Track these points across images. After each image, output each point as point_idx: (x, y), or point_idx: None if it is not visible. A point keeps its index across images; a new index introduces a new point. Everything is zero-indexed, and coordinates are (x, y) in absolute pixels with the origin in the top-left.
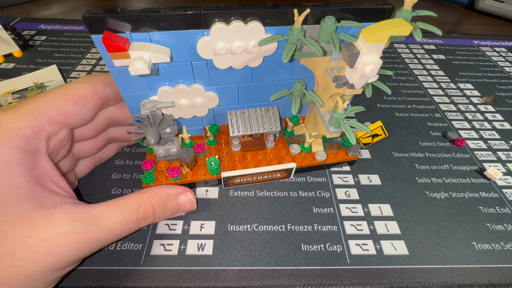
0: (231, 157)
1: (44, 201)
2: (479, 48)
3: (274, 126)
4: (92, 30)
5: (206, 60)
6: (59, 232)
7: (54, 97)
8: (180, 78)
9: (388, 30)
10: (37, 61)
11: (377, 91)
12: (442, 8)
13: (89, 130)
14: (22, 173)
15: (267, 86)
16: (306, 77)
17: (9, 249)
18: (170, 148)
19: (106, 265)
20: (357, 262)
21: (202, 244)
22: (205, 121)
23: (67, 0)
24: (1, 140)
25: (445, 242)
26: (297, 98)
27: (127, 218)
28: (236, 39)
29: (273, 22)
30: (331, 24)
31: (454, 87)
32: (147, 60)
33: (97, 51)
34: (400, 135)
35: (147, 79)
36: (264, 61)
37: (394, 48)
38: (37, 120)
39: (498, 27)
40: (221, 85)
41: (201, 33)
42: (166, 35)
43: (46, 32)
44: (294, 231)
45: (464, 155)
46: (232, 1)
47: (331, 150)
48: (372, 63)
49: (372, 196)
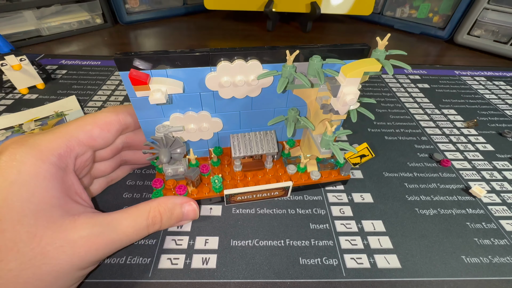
0: (233, 176)
1: (70, 210)
2: (460, 78)
3: (272, 148)
4: (121, 68)
5: (212, 91)
6: (82, 235)
7: (84, 123)
8: (189, 106)
9: (362, 67)
10: (58, 92)
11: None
12: (425, 42)
13: (106, 152)
14: (55, 185)
15: (265, 113)
16: (299, 105)
17: (43, 249)
18: (178, 168)
19: (116, 278)
20: (352, 275)
21: (207, 258)
22: (210, 144)
23: (86, 39)
24: (41, 157)
25: (436, 256)
26: (291, 123)
27: (139, 224)
28: (238, 74)
29: (269, 60)
30: (317, 62)
31: (438, 113)
32: (164, 92)
33: (112, 83)
34: (389, 156)
35: (161, 107)
36: (262, 92)
37: (382, 79)
38: (69, 142)
39: (477, 58)
40: (225, 112)
41: (209, 69)
42: (180, 71)
43: (67, 66)
44: (293, 246)
45: (450, 174)
46: (235, 44)
47: (325, 170)
48: (351, 93)
49: (365, 213)
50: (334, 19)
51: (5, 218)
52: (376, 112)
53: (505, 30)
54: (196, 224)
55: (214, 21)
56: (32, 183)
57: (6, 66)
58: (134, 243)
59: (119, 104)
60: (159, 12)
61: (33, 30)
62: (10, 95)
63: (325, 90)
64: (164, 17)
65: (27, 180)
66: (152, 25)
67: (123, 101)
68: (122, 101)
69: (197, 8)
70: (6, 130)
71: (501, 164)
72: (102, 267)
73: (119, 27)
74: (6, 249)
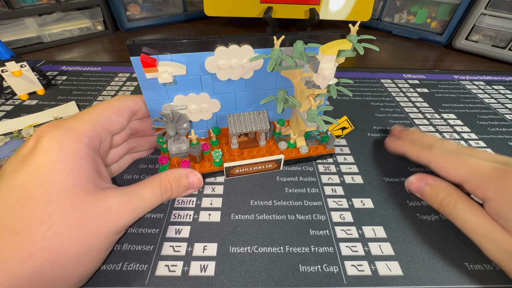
0: (231, 153)
1: (100, 184)
2: (459, 82)
3: (264, 125)
4: (132, 53)
5: (211, 74)
6: (114, 203)
7: (103, 110)
8: (191, 88)
9: (336, 46)
10: (58, 98)
11: (367, 123)
12: (423, 47)
13: (119, 138)
14: (88, 162)
15: (258, 94)
16: (287, 86)
17: (84, 215)
18: (181, 146)
19: (112, 285)
20: (353, 283)
21: (205, 265)
22: (209, 125)
23: (87, 45)
24: (75, 138)
25: (438, 263)
26: (280, 101)
27: (155, 191)
28: (233, 58)
29: (259, 46)
30: (300, 45)
31: (438, 117)
32: (170, 72)
33: (112, 89)
34: (390, 161)
35: (166, 89)
36: (255, 74)
37: (381, 83)
38: (95, 126)
39: (475, 63)
40: (222, 94)
41: (208, 54)
42: (183, 56)
43: (67, 72)
44: (292, 253)
45: None
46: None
47: (312, 146)
48: (329, 68)
49: (365, 218)
50: (333, 25)
51: (51, 190)
52: (376, 116)
53: (503, 35)
54: (194, 230)
55: (214, 28)
56: (70, 160)
57: (6, 73)
58: (131, 248)
59: None
60: (159, 19)
61: (35, 37)
62: (10, 101)
63: (308, 71)
64: (165, 24)
65: (66, 158)
66: (152, 31)
67: None
68: None
69: (197, 15)
70: (5, 136)
71: None
72: (98, 274)
73: (120, 33)
74: (54, 216)
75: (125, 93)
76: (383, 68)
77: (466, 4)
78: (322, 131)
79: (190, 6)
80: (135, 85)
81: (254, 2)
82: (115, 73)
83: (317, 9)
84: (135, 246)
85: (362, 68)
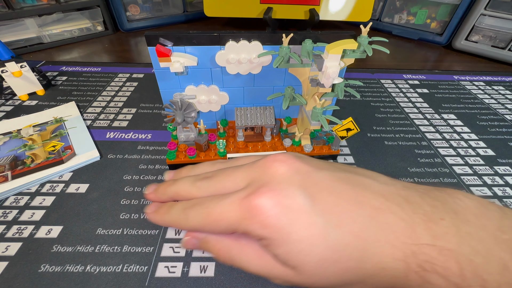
0: (236, 145)
1: None
2: (459, 83)
3: (270, 121)
4: (149, 43)
5: (221, 67)
6: None
7: None
8: (202, 80)
9: (342, 45)
10: (58, 99)
11: (367, 124)
12: (423, 47)
13: None
14: None
15: (265, 90)
16: (295, 85)
17: None
18: (189, 134)
19: (112, 287)
20: None
21: (205, 266)
22: (218, 116)
23: (87, 46)
24: None
25: None
26: (287, 98)
27: None
28: (242, 53)
29: (268, 42)
30: (309, 44)
31: (438, 118)
32: (182, 63)
33: (111, 89)
34: (390, 161)
35: (178, 79)
36: (263, 70)
37: (381, 84)
38: None
39: (475, 63)
40: (231, 87)
41: (219, 48)
42: (195, 48)
43: (67, 73)
44: None
45: (452, 180)
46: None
47: (318, 146)
48: (333, 66)
49: None
50: (333, 26)
51: None
52: (376, 117)
53: (503, 35)
54: None
55: (214, 28)
56: None
57: (6, 73)
58: (131, 250)
59: (118, 109)
60: (159, 19)
61: (35, 38)
62: (10, 102)
63: (316, 70)
64: (165, 25)
65: None
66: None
67: (123, 107)
68: (122, 107)
69: (197, 15)
70: (4, 136)
71: (502, 169)
72: (98, 275)
73: (120, 34)
74: None
75: (125, 93)
76: (383, 69)
77: (466, 5)
78: (328, 131)
79: (190, 7)
80: (135, 86)
81: (254, 3)
82: (115, 73)
83: (317, 10)
84: (135, 247)
85: (362, 69)
